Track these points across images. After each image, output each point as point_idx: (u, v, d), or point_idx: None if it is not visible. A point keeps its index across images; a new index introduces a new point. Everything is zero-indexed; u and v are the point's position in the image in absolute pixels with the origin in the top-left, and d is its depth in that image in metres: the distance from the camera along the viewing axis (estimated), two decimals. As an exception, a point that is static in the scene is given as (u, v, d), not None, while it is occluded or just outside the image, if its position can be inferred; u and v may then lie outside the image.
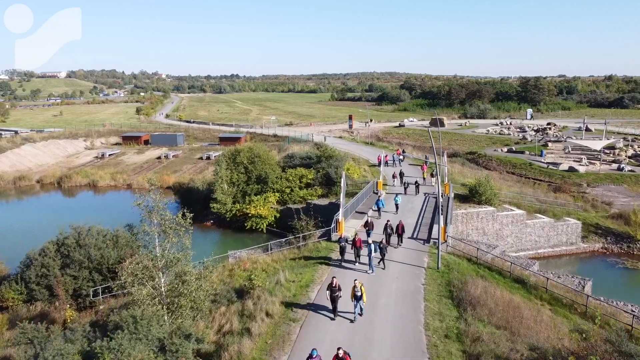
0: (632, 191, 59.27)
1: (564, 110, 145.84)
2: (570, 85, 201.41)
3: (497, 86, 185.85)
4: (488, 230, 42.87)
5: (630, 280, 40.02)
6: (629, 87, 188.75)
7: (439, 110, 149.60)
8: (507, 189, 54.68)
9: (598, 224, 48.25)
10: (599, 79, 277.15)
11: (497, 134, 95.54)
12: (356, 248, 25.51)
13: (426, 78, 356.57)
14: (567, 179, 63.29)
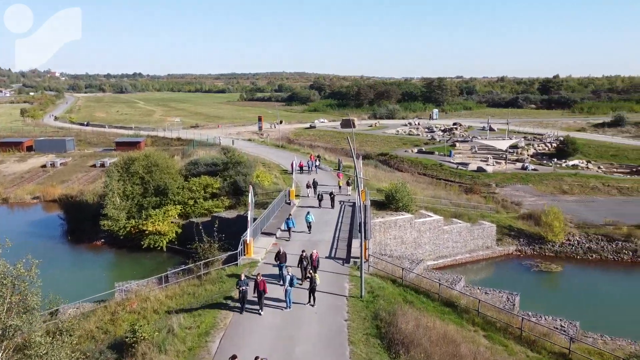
0: (538, 190, 60.82)
1: (466, 110, 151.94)
2: (469, 86, 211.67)
3: (402, 86, 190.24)
4: (406, 238, 40.84)
5: (548, 284, 39.80)
6: (520, 88, 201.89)
7: (349, 111, 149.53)
8: (422, 192, 53.48)
9: (511, 225, 48.23)
10: (493, 80, 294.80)
11: (407, 134, 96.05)
12: (259, 292, 20.27)
13: (334, 78, 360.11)
14: (477, 180, 63.85)
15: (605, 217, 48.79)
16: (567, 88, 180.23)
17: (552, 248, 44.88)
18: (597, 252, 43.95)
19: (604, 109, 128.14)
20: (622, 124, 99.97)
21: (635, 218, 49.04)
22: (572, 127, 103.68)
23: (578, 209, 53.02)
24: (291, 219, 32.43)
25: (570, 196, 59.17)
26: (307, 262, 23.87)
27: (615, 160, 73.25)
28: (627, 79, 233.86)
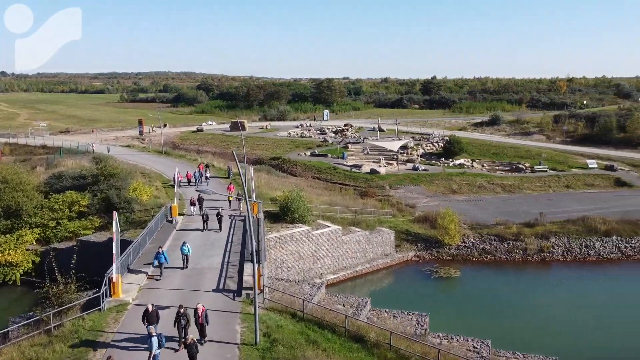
0: (430, 191, 61.22)
1: (355, 110, 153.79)
2: (356, 87, 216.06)
3: (292, 87, 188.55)
4: (304, 252, 37.74)
5: (450, 291, 38.93)
6: (404, 89, 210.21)
7: (239, 112, 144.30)
8: (318, 199, 50.87)
9: (408, 230, 47.29)
10: (377, 81, 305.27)
11: (299, 136, 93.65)
12: None
13: (223, 79, 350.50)
14: (371, 182, 62.86)
15: (496, 217, 49.77)
16: (445, 89, 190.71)
17: (449, 251, 44.55)
18: (491, 252, 44.34)
19: (480, 109, 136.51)
20: (499, 122, 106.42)
21: (521, 216, 50.70)
22: (455, 126, 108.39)
23: (469, 209, 53.80)
24: (162, 252, 25.54)
25: (460, 195, 60.28)
26: (186, 321, 18.51)
27: (496, 158, 76.76)
28: (495, 80, 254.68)
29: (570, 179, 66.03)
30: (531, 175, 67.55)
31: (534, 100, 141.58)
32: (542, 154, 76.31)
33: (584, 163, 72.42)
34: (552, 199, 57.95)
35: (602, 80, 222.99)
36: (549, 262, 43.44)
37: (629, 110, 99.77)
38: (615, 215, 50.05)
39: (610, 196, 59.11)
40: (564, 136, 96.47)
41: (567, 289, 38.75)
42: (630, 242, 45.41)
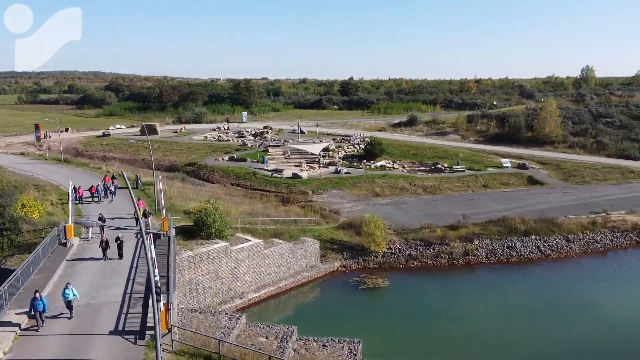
0: (353, 195, 59.72)
1: (275, 111, 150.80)
2: (275, 88, 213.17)
3: (209, 88, 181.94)
4: (222, 271, 34.35)
5: (379, 305, 37.15)
6: (322, 90, 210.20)
7: (151, 115, 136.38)
8: (237, 209, 47.43)
9: (333, 238, 45.20)
10: (296, 81, 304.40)
11: (216, 140, 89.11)
12: None
13: (135, 79, 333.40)
14: (293, 187, 60.32)
15: (420, 220, 48.97)
16: (363, 90, 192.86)
17: (376, 259, 42.99)
18: (417, 258, 43.32)
19: (397, 109, 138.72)
20: (416, 123, 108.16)
21: (444, 218, 50.43)
22: (374, 127, 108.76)
23: (393, 213, 52.79)
24: (40, 298, 20.27)
25: (383, 198, 59.31)
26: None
27: (416, 159, 77.17)
28: (409, 81, 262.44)
29: (487, 178, 67.45)
30: (450, 175, 68.27)
31: (447, 101, 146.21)
32: (459, 154, 77.76)
33: (499, 162, 74.56)
34: (472, 199, 58.56)
35: (506, 82, 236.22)
36: (474, 265, 43.18)
37: (535, 110, 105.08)
38: (532, 214, 51.18)
39: (525, 194, 60.84)
40: (478, 135, 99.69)
41: (495, 293, 38.44)
42: (548, 241, 46.35)
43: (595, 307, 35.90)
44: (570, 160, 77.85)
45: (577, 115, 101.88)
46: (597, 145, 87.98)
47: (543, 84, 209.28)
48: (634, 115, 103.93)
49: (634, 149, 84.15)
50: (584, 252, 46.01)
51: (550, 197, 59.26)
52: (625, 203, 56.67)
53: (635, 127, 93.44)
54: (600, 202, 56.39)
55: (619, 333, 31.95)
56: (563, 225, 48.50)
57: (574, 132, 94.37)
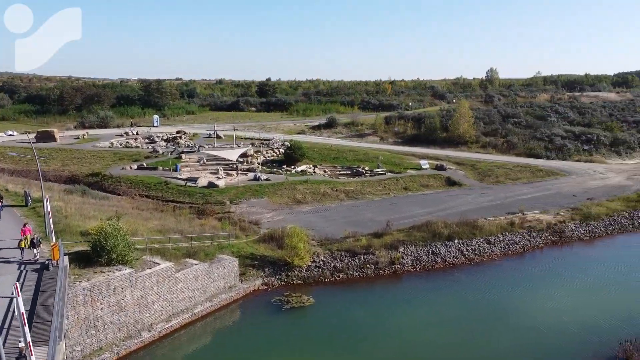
0: (274, 203, 56.79)
1: (189, 114, 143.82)
2: (190, 89, 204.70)
3: (117, 89, 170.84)
4: (126, 302, 30.12)
5: (304, 328, 34.49)
6: (240, 91, 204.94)
7: (51, 119, 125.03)
8: (145, 225, 42.84)
9: (253, 253, 42.04)
10: (212, 82, 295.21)
11: (124, 147, 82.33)
12: None
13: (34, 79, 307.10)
14: (210, 198, 56.35)
15: (344, 229, 47.10)
16: (281, 91, 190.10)
17: (300, 274, 40.40)
18: (343, 270, 41.27)
19: (316, 111, 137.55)
20: (335, 125, 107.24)
21: (368, 224, 48.98)
22: (294, 130, 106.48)
23: (316, 221, 50.56)
24: None
25: (305, 206, 56.96)
26: None
27: (337, 162, 75.72)
28: (327, 82, 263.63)
29: (407, 180, 67.31)
30: (372, 179, 67.38)
31: (364, 102, 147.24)
32: (380, 157, 77.35)
33: (418, 164, 74.97)
34: (394, 203, 57.81)
35: (419, 83, 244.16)
36: (400, 275, 41.90)
37: (449, 112, 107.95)
38: (454, 216, 51.15)
39: (445, 196, 61.15)
40: (396, 137, 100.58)
41: (423, 303, 37.24)
42: (471, 245, 46.25)
43: (521, 312, 35.71)
44: (484, 160, 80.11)
45: (488, 116, 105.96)
46: (507, 145, 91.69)
47: (453, 85, 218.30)
48: (537, 115, 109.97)
49: (540, 148, 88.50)
50: (504, 254, 46.39)
51: (469, 199, 59.96)
52: (538, 202, 58.54)
53: (539, 127, 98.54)
54: (516, 202, 57.81)
55: (547, 338, 31.72)
56: (484, 228, 48.76)
57: (485, 132, 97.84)
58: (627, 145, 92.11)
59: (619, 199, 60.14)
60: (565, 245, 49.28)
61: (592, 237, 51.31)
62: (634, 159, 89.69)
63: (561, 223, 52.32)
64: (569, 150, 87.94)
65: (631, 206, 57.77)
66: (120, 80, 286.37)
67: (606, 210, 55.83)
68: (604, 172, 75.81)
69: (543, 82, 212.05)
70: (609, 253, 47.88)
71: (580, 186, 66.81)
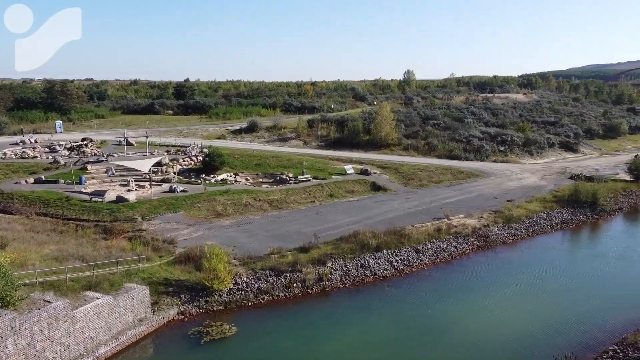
0: (192, 217, 52.44)
1: (99, 118, 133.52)
2: (101, 90, 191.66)
3: (17, 91, 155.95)
4: (8, 354, 25.15)
5: None
6: (155, 93, 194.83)
7: None
8: (38, 253, 37.28)
9: (167, 278, 37.84)
10: (126, 83, 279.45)
11: (20, 157, 73.61)
12: None
13: None
14: (118, 214, 50.91)
15: (269, 245, 43.98)
16: (199, 93, 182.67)
17: (220, 299, 36.76)
18: (268, 291, 38.09)
19: (237, 114, 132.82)
20: (257, 129, 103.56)
21: (294, 238, 46.27)
22: (213, 135, 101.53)
23: (238, 237, 47.03)
24: None
25: (226, 219, 53.13)
26: None
27: (260, 169, 72.33)
28: (248, 84, 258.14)
29: (332, 187, 65.34)
30: (296, 186, 64.67)
31: (287, 104, 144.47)
32: (304, 162, 74.92)
33: (342, 169, 73.34)
34: (320, 213, 55.51)
35: (340, 84, 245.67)
36: (329, 292, 39.47)
37: (371, 114, 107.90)
38: (381, 224, 49.75)
39: (371, 203, 59.81)
40: (319, 140, 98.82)
41: (353, 322, 34.98)
42: (400, 255, 44.87)
43: (458, 326, 34.46)
44: (407, 163, 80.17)
45: (408, 118, 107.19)
46: (428, 147, 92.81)
47: (373, 86, 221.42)
48: (455, 117, 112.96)
49: (459, 149, 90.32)
50: (433, 262, 45.47)
51: (395, 204, 59.00)
52: (462, 205, 58.73)
53: (457, 129, 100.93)
54: (441, 207, 57.58)
55: (487, 355, 30.54)
56: (412, 236, 47.64)
57: (407, 135, 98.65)
58: (538, 145, 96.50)
59: (537, 199, 61.88)
60: (490, 250, 49.37)
61: (515, 240, 51.94)
62: (544, 158, 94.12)
63: (485, 227, 52.56)
64: (486, 151, 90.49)
65: (548, 207, 59.54)
66: (22, 81, 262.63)
67: (526, 212, 57.00)
68: (519, 172, 78.37)
69: (457, 83, 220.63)
70: (532, 256, 48.45)
71: (499, 187, 68.27)
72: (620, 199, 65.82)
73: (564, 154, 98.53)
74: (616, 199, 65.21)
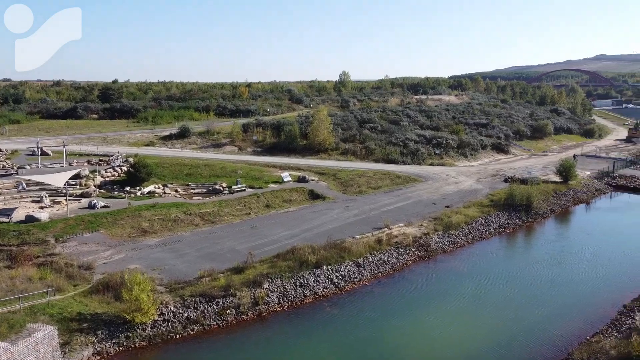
0: (113, 237, 47.68)
1: (13, 124, 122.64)
2: (18, 93, 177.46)
3: None
4: None
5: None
6: (79, 95, 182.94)
7: None
8: None
9: (81, 312, 33.45)
10: (48, 84, 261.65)
11: None
12: None
13: None
14: (28, 236, 45.38)
15: (200, 266, 40.36)
16: (128, 95, 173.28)
17: (144, 333, 32.88)
18: (198, 321, 34.58)
19: (167, 118, 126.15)
20: (189, 134, 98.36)
21: (228, 257, 42.92)
22: (141, 142, 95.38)
23: (165, 258, 43.01)
24: None
25: (153, 237, 48.79)
26: None
27: (191, 179, 68.02)
28: (180, 85, 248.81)
29: (269, 197, 62.34)
30: (230, 197, 61.07)
31: (221, 108, 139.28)
32: (238, 170, 71.39)
33: (279, 176, 70.44)
34: (257, 226, 52.33)
35: (276, 86, 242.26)
36: (266, 316, 36.54)
37: (307, 118, 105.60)
38: (320, 237, 47.45)
39: (310, 213, 57.34)
40: (255, 146, 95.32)
41: (292, 352, 32.29)
42: (340, 270, 42.65)
43: (405, 350, 32.58)
44: (345, 169, 78.52)
45: (345, 122, 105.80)
46: (365, 151, 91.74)
47: (309, 87, 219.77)
48: (391, 119, 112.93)
49: (396, 153, 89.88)
50: (375, 276, 43.63)
51: (334, 214, 56.88)
52: (402, 213, 57.55)
53: (394, 132, 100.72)
54: (381, 215, 56.10)
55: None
56: (352, 249, 45.56)
57: (344, 139, 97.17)
58: (472, 147, 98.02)
59: (474, 204, 61.86)
60: (431, 260, 48.31)
61: (455, 248, 51.27)
62: (478, 160, 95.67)
63: (426, 235, 51.53)
64: (423, 154, 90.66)
65: (485, 212, 59.57)
66: None
67: (464, 218, 56.62)
68: (455, 175, 78.75)
69: (391, 85, 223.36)
70: (473, 265, 47.78)
71: (437, 192, 67.92)
72: (552, 200, 67.30)
73: (496, 156, 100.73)
74: (548, 201, 66.60)
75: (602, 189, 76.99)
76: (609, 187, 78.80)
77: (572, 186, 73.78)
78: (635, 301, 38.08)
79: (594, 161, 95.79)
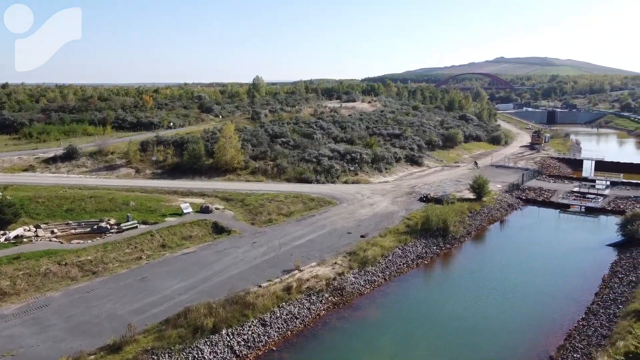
0: (-44, 309, 38.15)
1: None
2: None
3: None
4: None
5: None
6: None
7: None
8: None
9: None
10: None
11: None
12: None
13: None
14: None
15: (67, 344, 32.53)
16: (12, 105, 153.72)
17: None
18: None
19: (56, 134, 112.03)
20: (77, 156, 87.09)
21: (105, 328, 35.38)
22: (18, 166, 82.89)
23: (22, 336, 34.49)
24: None
25: (13, 302, 39.83)
26: None
27: (71, 217, 58.57)
28: (79, 90, 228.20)
29: (165, 234, 54.84)
30: (118, 237, 52.80)
31: (119, 120, 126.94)
32: (131, 202, 62.91)
33: (179, 207, 62.84)
34: (146, 278, 44.83)
35: (186, 91, 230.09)
36: (149, 411, 29.71)
37: (214, 134, 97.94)
38: (221, 288, 41.22)
39: (211, 254, 50.64)
40: (155, 167, 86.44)
41: None
42: (243, 334, 36.60)
43: None
44: (254, 192, 72.49)
45: (255, 137, 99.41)
46: (277, 170, 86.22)
47: (221, 93, 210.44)
48: (304, 132, 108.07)
49: (310, 171, 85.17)
50: (283, 337, 37.92)
51: (239, 254, 50.65)
52: (314, 248, 52.60)
53: (307, 147, 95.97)
54: (291, 251, 50.86)
55: None
56: (257, 304, 39.53)
57: (254, 156, 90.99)
58: (386, 161, 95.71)
59: (390, 232, 58.26)
60: (347, 306, 43.44)
61: (372, 288, 46.94)
62: (392, 174, 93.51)
63: (340, 276, 46.81)
64: (337, 171, 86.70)
65: (402, 240, 56.09)
66: None
67: (381, 250, 52.61)
68: (370, 195, 75.35)
69: (305, 89, 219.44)
70: (390, 311, 43.30)
71: (352, 217, 63.81)
72: (468, 221, 65.54)
73: (410, 169, 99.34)
74: (464, 222, 64.71)
75: (514, 204, 77.02)
76: (520, 201, 79.12)
77: (486, 203, 72.95)
78: (561, 350, 35.44)
79: (503, 172, 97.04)
